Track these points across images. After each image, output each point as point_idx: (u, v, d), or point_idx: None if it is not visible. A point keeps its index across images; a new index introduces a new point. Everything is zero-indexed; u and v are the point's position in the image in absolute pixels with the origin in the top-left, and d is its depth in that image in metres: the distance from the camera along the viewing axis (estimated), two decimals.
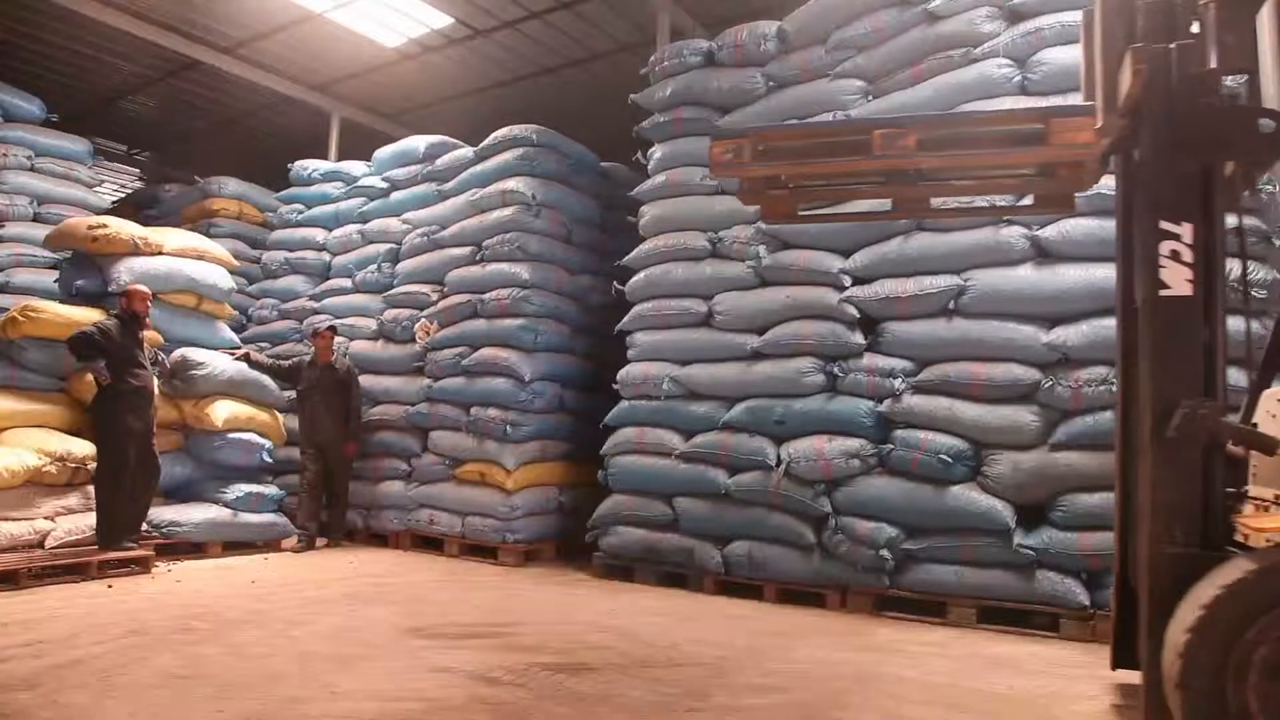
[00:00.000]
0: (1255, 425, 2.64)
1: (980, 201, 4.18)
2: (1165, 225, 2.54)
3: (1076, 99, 4.33)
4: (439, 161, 7.49)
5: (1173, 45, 2.55)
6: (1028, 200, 3.46)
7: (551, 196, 6.70)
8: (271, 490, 6.58)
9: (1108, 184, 4.23)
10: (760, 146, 3.12)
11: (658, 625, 4.35)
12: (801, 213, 3.74)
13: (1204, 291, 2.53)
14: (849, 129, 3.21)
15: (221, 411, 6.21)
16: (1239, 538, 2.45)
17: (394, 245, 7.69)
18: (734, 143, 3.11)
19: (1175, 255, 2.52)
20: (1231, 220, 2.76)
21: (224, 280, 6.86)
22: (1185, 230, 2.52)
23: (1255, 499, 2.56)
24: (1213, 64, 2.57)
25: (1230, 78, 2.68)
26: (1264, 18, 2.45)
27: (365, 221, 8.07)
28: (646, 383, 5.71)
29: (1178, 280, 2.52)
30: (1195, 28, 2.65)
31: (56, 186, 8.50)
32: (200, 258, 6.76)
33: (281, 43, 8.71)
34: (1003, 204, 4.12)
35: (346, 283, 8.01)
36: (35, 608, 4.20)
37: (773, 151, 3.11)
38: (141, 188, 12.11)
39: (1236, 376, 3.37)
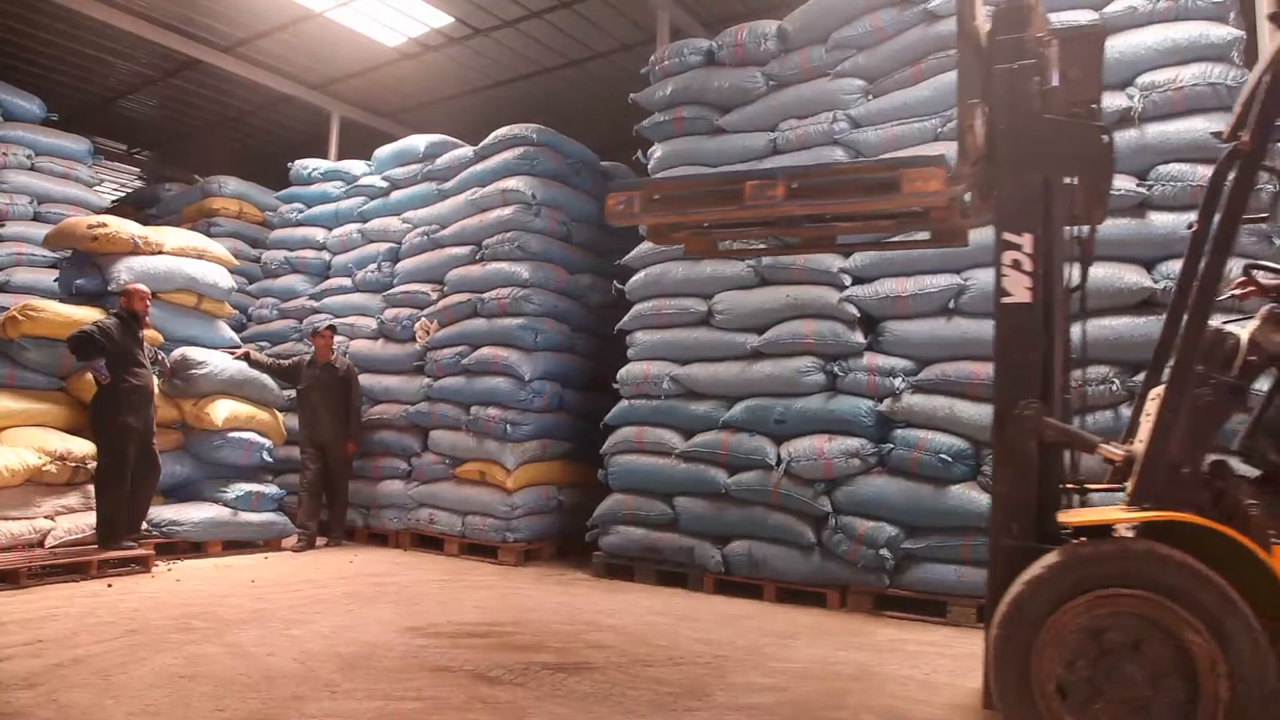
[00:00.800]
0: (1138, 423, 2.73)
1: (885, 236, 4.23)
2: (1008, 236, 2.69)
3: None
4: (439, 161, 7.49)
5: (1015, 65, 2.70)
6: (925, 236, 3.58)
7: (551, 196, 6.70)
8: (271, 489, 6.57)
9: (1115, 185, 4.26)
10: (656, 196, 3.34)
11: (657, 624, 4.35)
12: (721, 248, 3.92)
13: (1043, 299, 2.65)
14: (727, 180, 3.37)
15: (221, 411, 6.21)
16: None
17: (394, 244, 7.69)
18: (626, 195, 3.32)
19: (1016, 264, 2.67)
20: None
21: (224, 279, 6.86)
22: (1026, 241, 2.66)
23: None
24: (1057, 93, 2.74)
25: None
26: (1263, 18, 2.47)
27: (365, 221, 8.07)
28: (646, 382, 5.71)
29: (1018, 288, 2.66)
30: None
31: (56, 186, 8.50)
32: (200, 257, 6.76)
33: (281, 42, 8.71)
34: (900, 239, 4.20)
35: (346, 282, 8.01)
36: (35, 607, 4.20)
37: (662, 201, 3.32)
38: (141, 187, 12.11)
39: None
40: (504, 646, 3.80)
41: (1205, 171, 4.12)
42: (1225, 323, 2.62)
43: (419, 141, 7.84)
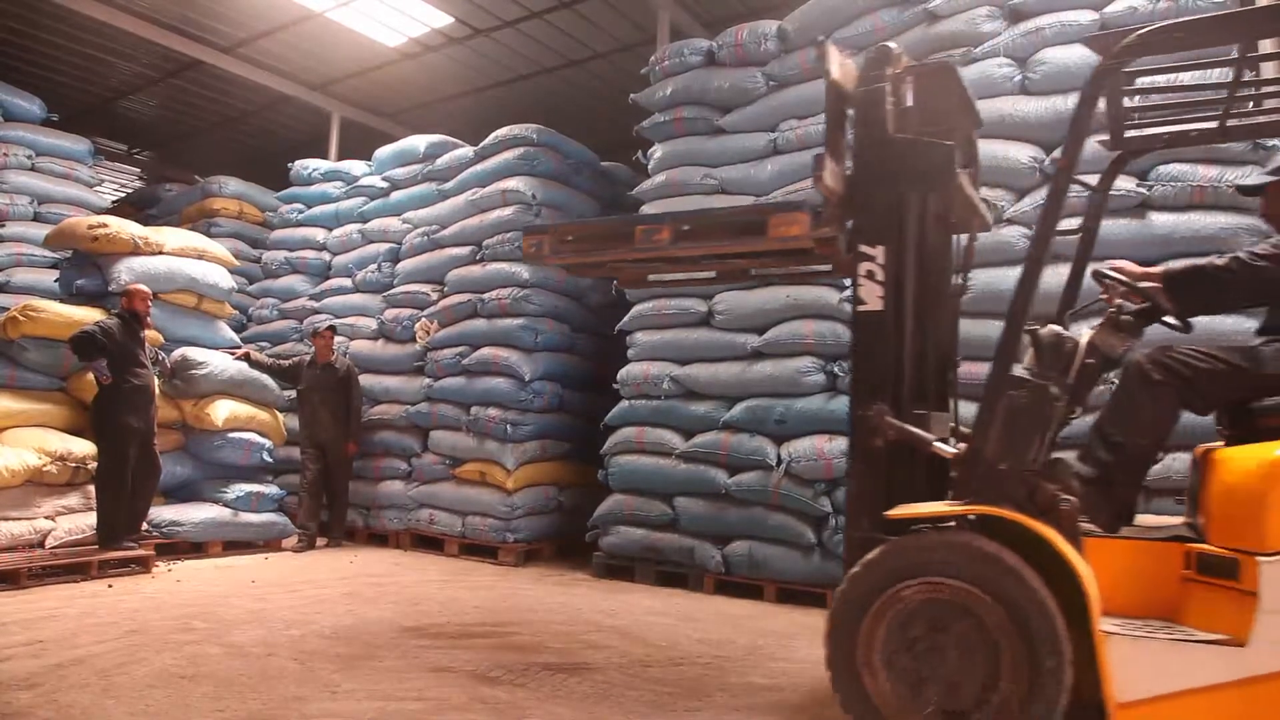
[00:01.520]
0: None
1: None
2: (863, 248, 2.83)
3: (1078, 97, 4.37)
4: (439, 161, 7.49)
5: (869, 88, 2.89)
6: (827, 267, 3.72)
7: (551, 196, 6.70)
8: (271, 490, 6.58)
9: (1116, 185, 4.26)
10: (568, 238, 3.57)
11: (657, 625, 4.35)
12: (651, 279, 4.16)
13: (894, 306, 2.79)
14: (623, 224, 3.69)
15: (222, 411, 6.21)
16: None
17: (394, 245, 7.69)
18: (537, 237, 3.57)
19: (871, 275, 2.81)
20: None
21: (224, 280, 6.86)
22: (879, 252, 2.81)
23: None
24: (912, 118, 2.95)
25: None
26: None
27: (365, 221, 8.07)
28: (646, 382, 5.70)
29: (872, 297, 2.81)
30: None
31: (57, 186, 8.51)
32: (200, 257, 6.77)
33: (282, 42, 8.72)
34: (804, 269, 4.24)
35: (346, 282, 8.01)
36: (35, 607, 4.20)
37: (571, 243, 3.57)
38: (142, 187, 12.11)
39: None
40: (504, 647, 3.80)
41: (1206, 172, 4.13)
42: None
43: (419, 142, 7.84)
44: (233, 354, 6.69)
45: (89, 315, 5.68)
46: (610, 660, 3.61)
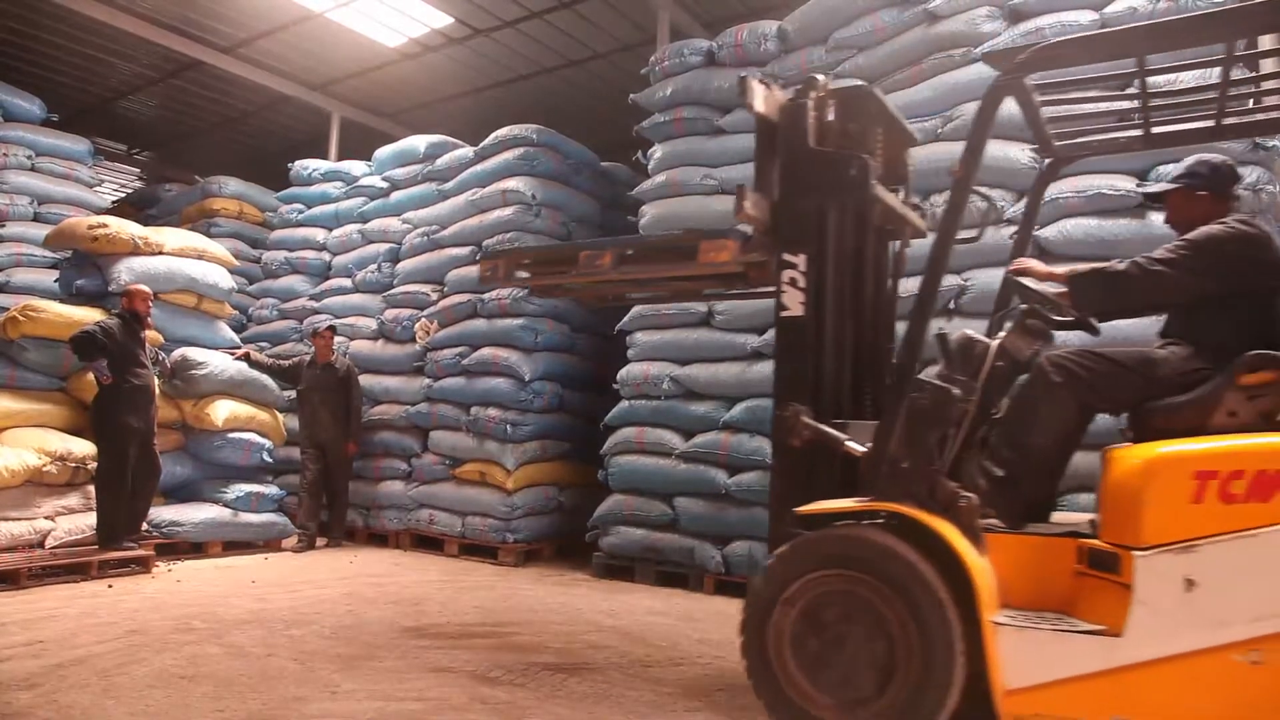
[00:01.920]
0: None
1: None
2: (786, 257, 2.96)
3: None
4: (439, 161, 7.49)
5: (796, 103, 3.01)
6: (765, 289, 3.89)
7: (551, 196, 6.70)
8: (271, 490, 6.57)
9: (1110, 184, 4.27)
10: (525, 261, 3.82)
11: (657, 625, 4.35)
12: (609, 299, 4.42)
13: (814, 312, 2.92)
14: (570, 249, 3.94)
15: (222, 411, 6.21)
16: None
17: (394, 245, 7.69)
18: (493, 263, 3.81)
19: (793, 282, 2.94)
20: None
21: (224, 280, 6.86)
22: (800, 260, 2.93)
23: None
24: (833, 135, 3.12)
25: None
26: None
27: (365, 221, 8.07)
28: (646, 382, 5.70)
29: (794, 303, 2.93)
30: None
31: (57, 186, 8.50)
32: (200, 257, 6.76)
33: (282, 42, 8.72)
34: (752, 291, 4.31)
35: (346, 282, 8.01)
36: (35, 607, 4.20)
37: (525, 267, 3.82)
38: (142, 187, 12.11)
39: None
40: (504, 647, 3.80)
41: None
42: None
43: (419, 142, 7.84)
44: (233, 354, 6.68)
45: (89, 315, 5.68)
46: (610, 660, 3.61)
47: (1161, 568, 2.19)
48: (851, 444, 2.73)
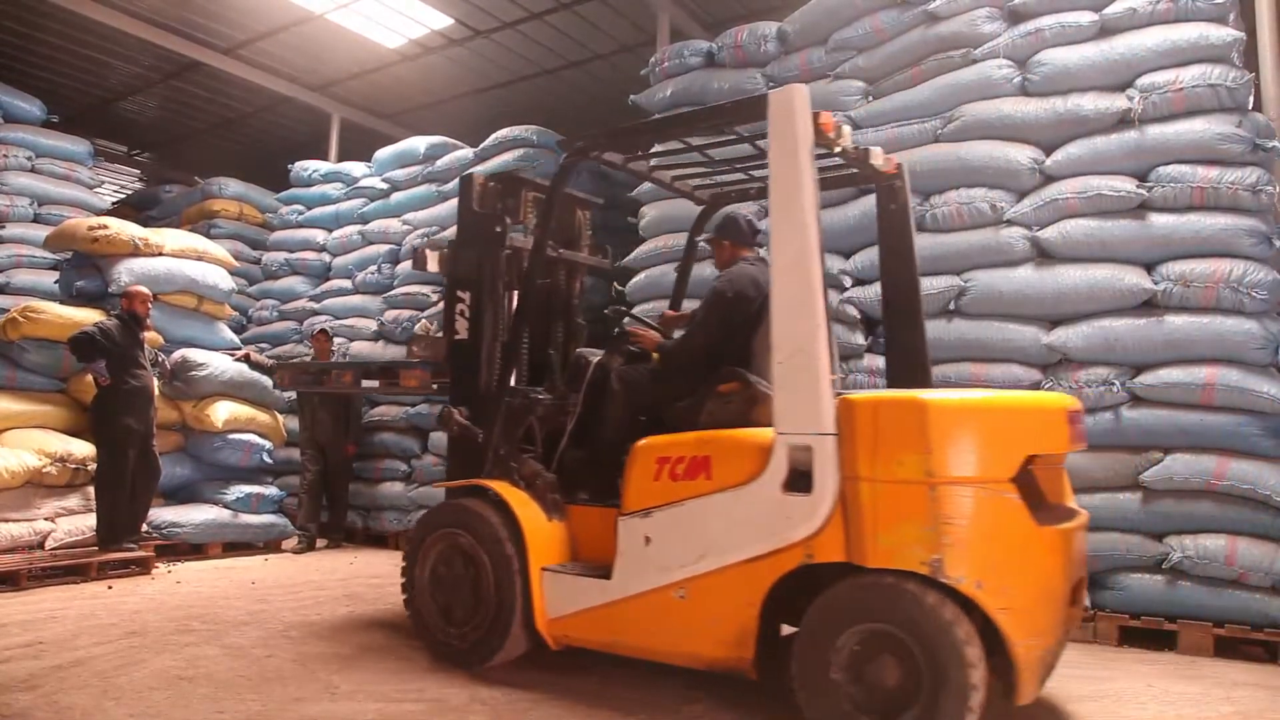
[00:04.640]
0: None
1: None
2: (459, 293, 3.89)
3: (1077, 98, 4.47)
4: (439, 162, 7.49)
5: (466, 174, 4.12)
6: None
7: None
8: (271, 491, 6.57)
9: (1110, 184, 4.27)
10: (307, 370, 5.64)
11: None
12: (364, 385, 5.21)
13: (475, 336, 3.79)
14: (330, 366, 5.91)
15: (222, 412, 6.21)
16: None
17: (394, 246, 7.69)
18: (280, 374, 5.59)
19: (463, 313, 3.86)
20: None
21: (224, 281, 6.86)
22: (467, 296, 3.87)
23: None
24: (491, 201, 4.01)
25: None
26: (1263, 19, 2.52)
27: (365, 222, 8.06)
28: None
29: (462, 329, 3.86)
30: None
31: (57, 187, 8.51)
32: (200, 258, 6.77)
33: (282, 44, 8.72)
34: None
35: (346, 284, 8.00)
36: (35, 608, 4.20)
37: (304, 379, 5.48)
38: (142, 188, 12.12)
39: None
40: None
41: (1206, 172, 4.13)
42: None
43: (419, 143, 7.84)
44: (232, 355, 6.67)
45: (89, 317, 5.68)
46: (609, 659, 3.60)
47: (633, 528, 3.03)
48: (461, 422, 3.64)
